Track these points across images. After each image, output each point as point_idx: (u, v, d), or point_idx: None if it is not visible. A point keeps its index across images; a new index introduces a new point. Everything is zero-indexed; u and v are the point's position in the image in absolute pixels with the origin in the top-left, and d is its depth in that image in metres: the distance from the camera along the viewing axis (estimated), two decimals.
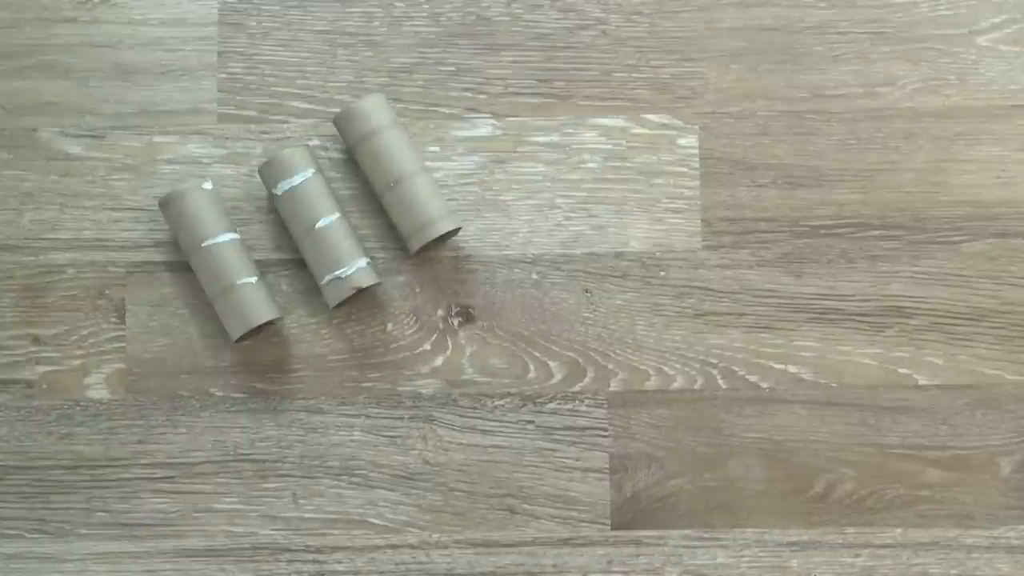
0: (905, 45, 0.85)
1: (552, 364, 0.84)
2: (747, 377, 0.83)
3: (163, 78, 0.86)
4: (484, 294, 0.84)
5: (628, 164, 0.85)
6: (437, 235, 0.81)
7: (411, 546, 0.82)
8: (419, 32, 0.86)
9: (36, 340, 0.84)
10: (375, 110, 0.81)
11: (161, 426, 0.84)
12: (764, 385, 0.83)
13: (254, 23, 0.86)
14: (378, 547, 0.83)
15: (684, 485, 0.83)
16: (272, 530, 0.83)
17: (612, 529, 0.83)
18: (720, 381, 0.83)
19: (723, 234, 0.84)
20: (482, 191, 0.85)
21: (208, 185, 0.84)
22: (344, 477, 0.83)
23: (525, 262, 0.84)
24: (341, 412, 0.84)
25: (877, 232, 0.84)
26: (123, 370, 0.84)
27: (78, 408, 0.84)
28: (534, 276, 0.84)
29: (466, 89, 0.86)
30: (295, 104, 0.86)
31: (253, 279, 0.82)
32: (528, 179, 0.85)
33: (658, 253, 0.84)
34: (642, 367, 0.83)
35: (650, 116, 0.85)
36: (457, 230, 0.83)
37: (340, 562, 0.83)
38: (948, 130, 0.85)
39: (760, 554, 0.82)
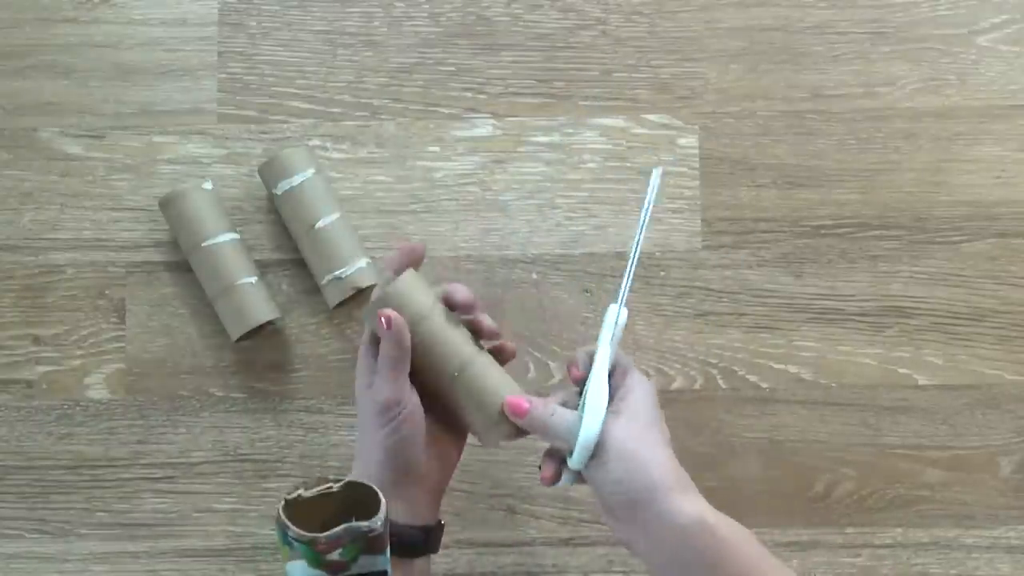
0: (905, 45, 0.85)
1: (552, 364, 0.84)
2: (747, 377, 0.83)
3: (163, 78, 0.86)
4: (484, 294, 0.84)
5: (628, 164, 0.85)
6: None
7: None
8: (419, 32, 0.86)
9: (36, 340, 0.84)
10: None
11: (161, 426, 0.84)
12: (764, 385, 0.83)
13: (254, 23, 0.86)
14: None
15: None
16: (272, 530, 0.83)
17: None
18: (720, 381, 0.83)
19: (723, 234, 0.84)
20: (482, 191, 0.85)
21: (208, 185, 0.84)
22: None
23: (525, 262, 0.84)
24: (341, 412, 0.84)
25: (877, 232, 0.84)
26: (123, 370, 0.84)
27: (78, 408, 0.84)
28: (534, 276, 0.84)
29: (466, 89, 0.86)
30: (295, 104, 0.86)
31: (253, 279, 0.82)
32: (528, 179, 0.85)
33: (658, 253, 0.84)
34: (642, 367, 0.83)
35: (650, 116, 0.85)
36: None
37: None
38: (948, 130, 0.84)
39: None
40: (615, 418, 0.66)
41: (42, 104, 0.86)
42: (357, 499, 0.64)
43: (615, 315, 0.70)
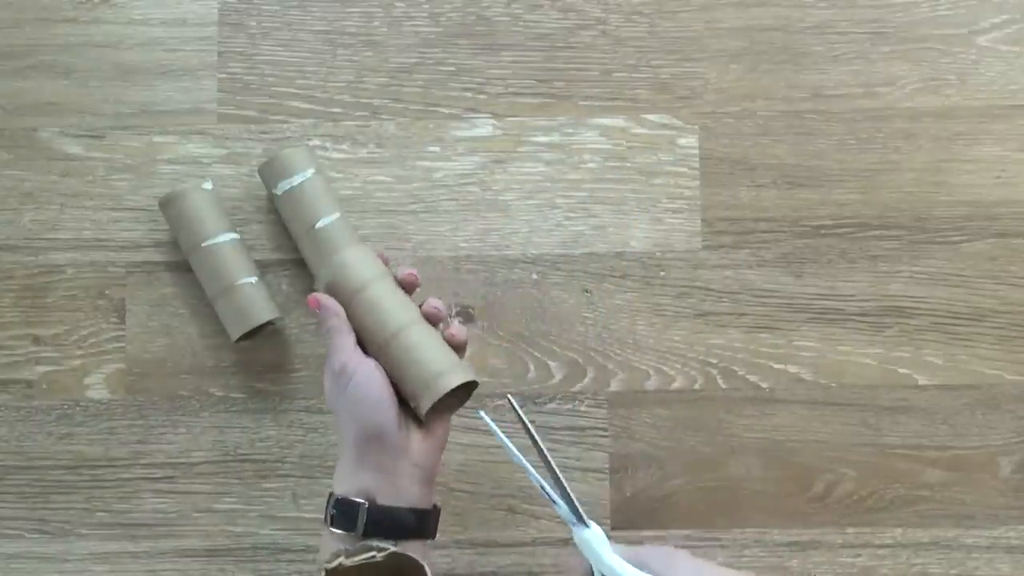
0: (905, 45, 0.85)
1: (552, 364, 0.84)
2: (747, 377, 0.83)
3: (163, 78, 0.86)
4: (484, 294, 0.84)
5: (628, 164, 0.85)
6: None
7: None
8: (419, 32, 0.86)
9: (36, 340, 0.84)
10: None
11: (161, 426, 0.84)
12: (764, 385, 0.83)
13: (254, 23, 0.86)
14: None
15: (684, 485, 0.83)
16: (272, 530, 0.83)
17: (612, 529, 0.82)
18: (720, 381, 0.83)
19: (723, 234, 0.84)
20: (482, 191, 0.85)
21: (208, 185, 0.84)
22: None
23: (525, 262, 0.84)
24: None
25: (877, 232, 0.84)
26: (123, 370, 0.84)
27: (78, 408, 0.84)
28: (534, 276, 0.84)
29: (466, 89, 0.86)
30: (295, 104, 0.86)
31: (253, 279, 0.82)
32: (528, 179, 0.85)
33: (658, 253, 0.84)
34: (642, 367, 0.83)
35: (650, 116, 0.85)
36: None
37: None
38: (948, 130, 0.85)
39: (760, 554, 0.82)
40: None
41: (42, 104, 0.86)
42: (399, 569, 0.62)
43: (596, 537, 0.67)
